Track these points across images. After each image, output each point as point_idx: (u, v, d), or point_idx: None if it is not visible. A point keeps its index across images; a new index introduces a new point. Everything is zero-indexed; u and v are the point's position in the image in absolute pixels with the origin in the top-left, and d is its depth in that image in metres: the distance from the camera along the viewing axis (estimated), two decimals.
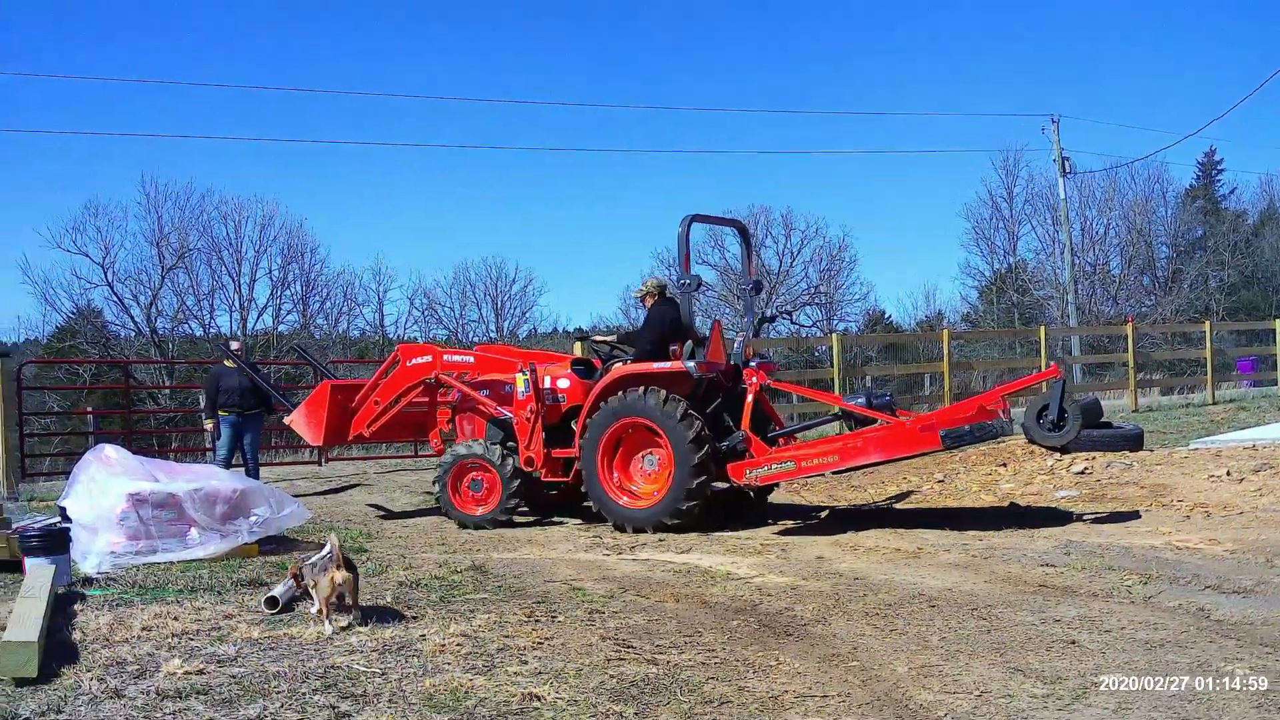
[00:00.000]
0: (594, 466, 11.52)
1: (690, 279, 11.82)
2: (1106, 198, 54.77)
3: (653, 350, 11.69)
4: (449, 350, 13.43)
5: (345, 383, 14.12)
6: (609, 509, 11.55)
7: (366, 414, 13.18)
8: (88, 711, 5.33)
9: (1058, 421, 11.00)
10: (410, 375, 13.02)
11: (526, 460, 12.05)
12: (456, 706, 5.40)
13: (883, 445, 11.05)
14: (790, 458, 11.26)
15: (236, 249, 48.98)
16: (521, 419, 12.11)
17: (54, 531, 8.92)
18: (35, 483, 16.46)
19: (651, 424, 11.30)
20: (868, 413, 11.62)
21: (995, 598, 7.78)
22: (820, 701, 5.50)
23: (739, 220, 12.81)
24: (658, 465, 11.49)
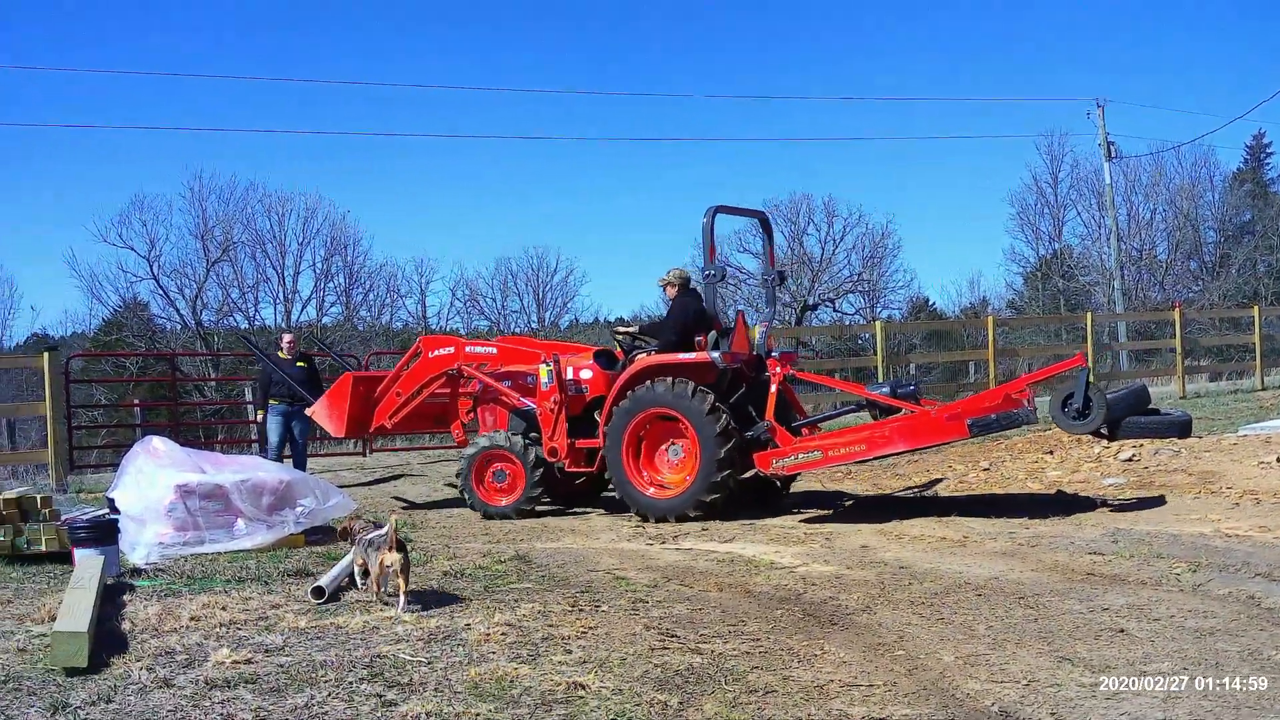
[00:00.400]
0: (619, 456, 11.56)
1: (715, 269, 11.86)
2: (1153, 182, 54.19)
3: (677, 341, 11.70)
4: (471, 342, 13.52)
5: (367, 374, 14.26)
6: (634, 499, 11.58)
7: (389, 405, 13.27)
8: (137, 701, 5.38)
9: (1082, 410, 11.02)
10: (433, 366, 13.10)
11: (550, 451, 12.10)
12: (502, 695, 5.41)
13: (910, 434, 11.05)
14: (817, 447, 11.26)
15: (280, 242, 49.34)
16: (545, 410, 12.14)
17: (103, 523, 9.01)
18: (83, 475, 16.63)
19: (677, 414, 11.32)
20: (892, 401, 11.61)
21: (1042, 586, 7.72)
22: (866, 691, 5.48)
23: (761, 211, 12.84)
24: (682, 455, 11.51)
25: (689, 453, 11.40)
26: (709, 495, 11.18)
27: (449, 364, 13.01)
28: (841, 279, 55.99)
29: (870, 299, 55.94)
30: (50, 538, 9.25)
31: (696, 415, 11.17)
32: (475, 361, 13.01)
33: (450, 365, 13.00)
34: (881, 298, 56.42)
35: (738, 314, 12.23)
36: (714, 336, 11.72)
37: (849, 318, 54.30)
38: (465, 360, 12.99)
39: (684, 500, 11.28)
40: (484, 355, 13.06)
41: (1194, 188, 55.10)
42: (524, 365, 12.75)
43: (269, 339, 36.79)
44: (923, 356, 32.20)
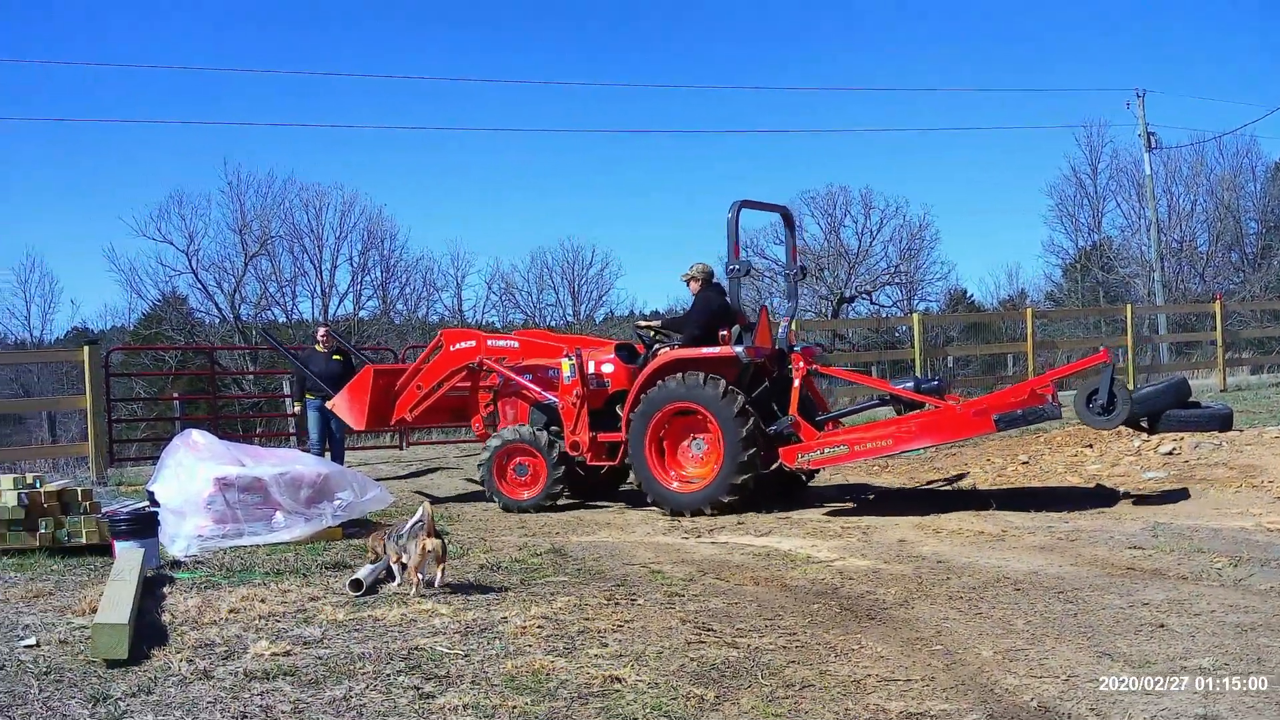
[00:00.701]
0: (642, 450, 11.57)
1: (740, 264, 11.85)
2: (1193, 173, 53.62)
3: (701, 335, 11.71)
4: (493, 335, 13.51)
5: (388, 367, 14.31)
6: (656, 492, 11.59)
7: (409, 398, 13.31)
8: (177, 692, 5.42)
9: (1107, 405, 11.06)
10: (454, 360, 13.12)
11: (572, 444, 12.13)
12: (538, 688, 5.42)
13: (935, 429, 11.10)
14: (843, 442, 11.26)
15: (318, 236, 49.54)
16: (567, 404, 12.18)
17: (142, 516, 9.09)
18: (123, 468, 16.78)
19: (701, 408, 11.33)
20: (917, 396, 11.64)
21: (1082, 581, 7.66)
22: (904, 685, 5.46)
23: (784, 206, 12.81)
24: (705, 449, 11.53)
25: (712, 448, 11.42)
26: (730, 494, 11.22)
27: (470, 357, 13.04)
28: (879, 271, 55.79)
29: (907, 291, 55.72)
30: (91, 530, 9.33)
31: (720, 409, 11.19)
32: (497, 355, 13.03)
33: (472, 359, 13.03)
34: (919, 290, 56.20)
35: (761, 309, 12.23)
36: (738, 331, 11.73)
37: (886, 310, 54.10)
38: (487, 354, 13.01)
39: (706, 495, 11.30)
40: (505, 349, 13.07)
41: (1235, 178, 54.51)
42: (545, 359, 12.78)
43: (306, 333, 36.97)
44: (960, 349, 32.11)
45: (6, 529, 9.16)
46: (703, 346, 11.59)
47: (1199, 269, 52.85)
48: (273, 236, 48.30)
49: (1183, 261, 52.74)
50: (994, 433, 11.24)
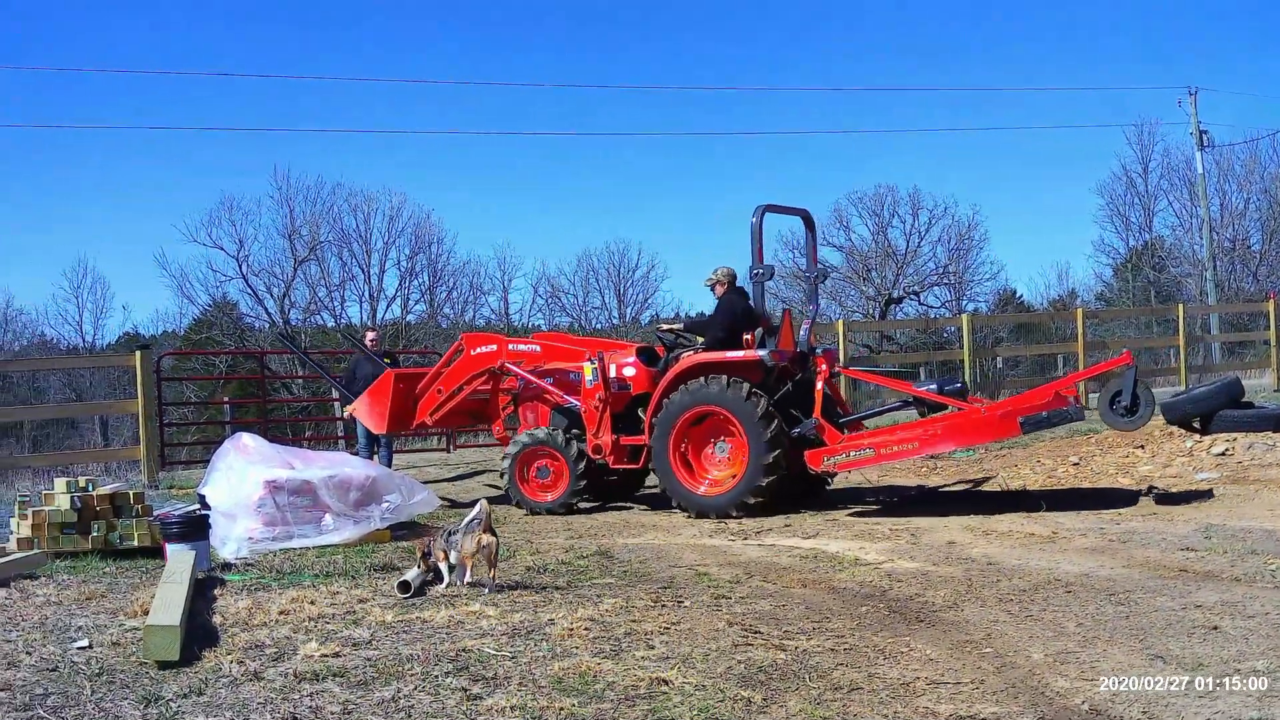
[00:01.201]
0: (665, 453, 11.61)
1: (764, 269, 11.88)
2: (1246, 171, 52.87)
3: (725, 338, 11.75)
4: (514, 340, 13.53)
5: (408, 371, 14.32)
6: (680, 495, 11.63)
7: (430, 402, 13.37)
8: (228, 693, 5.46)
9: (1130, 407, 11.08)
10: (475, 364, 13.17)
11: (595, 448, 12.17)
12: (585, 690, 5.42)
13: (962, 432, 11.20)
14: (870, 445, 11.32)
15: (366, 240, 49.80)
16: (590, 407, 12.22)
17: (194, 518, 9.18)
18: (174, 471, 16.93)
19: (726, 412, 11.38)
20: (940, 399, 11.70)
21: (1134, 583, 7.58)
22: (953, 689, 5.41)
23: (804, 209, 12.85)
24: (729, 452, 11.57)
25: (737, 451, 11.47)
26: (755, 495, 11.27)
27: (492, 361, 13.09)
28: (927, 271, 55.43)
29: (956, 291, 55.31)
30: (143, 533, 9.43)
31: (745, 413, 11.25)
32: (518, 359, 13.05)
33: (493, 363, 13.08)
34: (967, 290, 55.76)
35: (784, 312, 12.32)
36: (760, 334, 11.79)
37: (934, 311, 53.76)
38: (509, 358, 13.05)
39: (729, 498, 11.36)
40: (527, 353, 13.10)
41: None
42: (566, 363, 12.82)
43: (355, 337, 37.24)
44: (1009, 350, 31.84)
45: (60, 532, 9.27)
46: (727, 350, 11.63)
47: (1252, 268, 52.16)
48: (321, 241, 48.64)
49: (1235, 260, 52.09)
50: (1019, 435, 11.33)
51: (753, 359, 11.49)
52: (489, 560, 7.65)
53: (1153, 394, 11.32)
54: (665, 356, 12.33)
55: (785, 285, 52.27)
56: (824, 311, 54.54)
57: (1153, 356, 33.81)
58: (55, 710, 5.19)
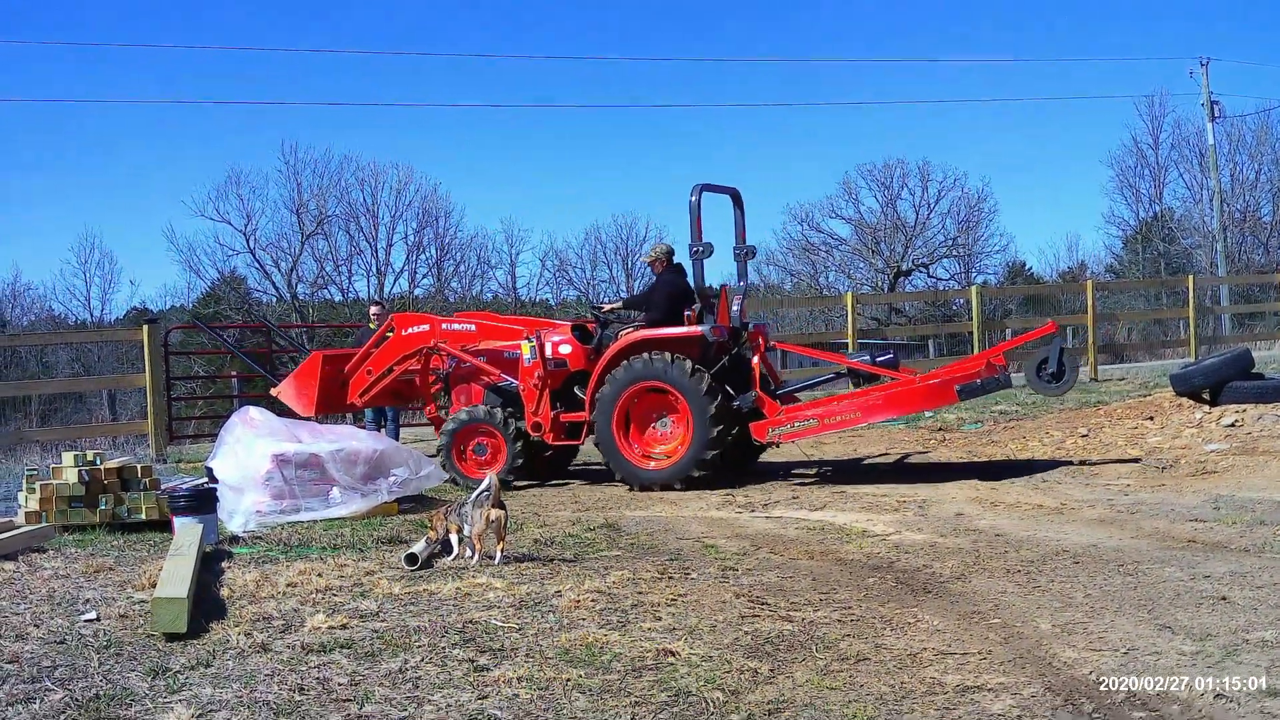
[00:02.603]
0: (609, 429, 11.72)
1: (703, 246, 11.97)
2: (1258, 141, 52.58)
3: (663, 316, 11.94)
4: (448, 319, 13.46)
5: (335, 352, 14.20)
6: (625, 469, 11.78)
7: (359, 382, 13.28)
8: (235, 665, 5.46)
9: (1056, 373, 11.57)
10: (406, 344, 13.10)
11: (534, 425, 12.22)
12: (592, 661, 5.42)
13: (902, 401, 11.63)
14: (813, 415, 11.64)
15: (373, 214, 49.73)
16: (529, 385, 12.24)
17: (201, 492, 9.17)
18: (182, 445, 16.97)
19: (669, 387, 11.54)
20: (875, 370, 12.13)
21: (1142, 554, 7.57)
22: (960, 659, 5.41)
23: (734, 188, 12.94)
24: (672, 426, 11.74)
25: (680, 425, 11.65)
26: (699, 469, 11.47)
27: (424, 341, 13.02)
28: (936, 244, 55.27)
29: (965, 264, 55.17)
30: (150, 506, 9.44)
31: (688, 387, 11.43)
32: (453, 339, 13.00)
33: (426, 343, 13.01)
34: (977, 262, 55.60)
35: (722, 288, 12.48)
36: (700, 310, 11.98)
37: (943, 283, 53.64)
38: (441, 337, 12.98)
39: (675, 471, 11.54)
40: (461, 332, 13.04)
41: None
42: (501, 341, 12.82)
43: (361, 311, 37.21)
44: (1019, 322, 31.68)
45: (68, 505, 9.28)
46: (667, 326, 11.79)
47: (1263, 239, 51.95)
48: (329, 215, 48.61)
49: (1246, 232, 51.87)
50: (957, 402, 11.91)
51: (694, 335, 11.69)
52: (498, 533, 7.66)
53: (1077, 362, 11.88)
54: (600, 334, 12.46)
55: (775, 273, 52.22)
56: (832, 284, 54.53)
57: (1163, 328, 33.70)
58: (63, 682, 5.20)
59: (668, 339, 11.73)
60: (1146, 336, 37.44)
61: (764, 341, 12.38)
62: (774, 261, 57.26)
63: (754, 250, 12.96)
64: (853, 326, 20.66)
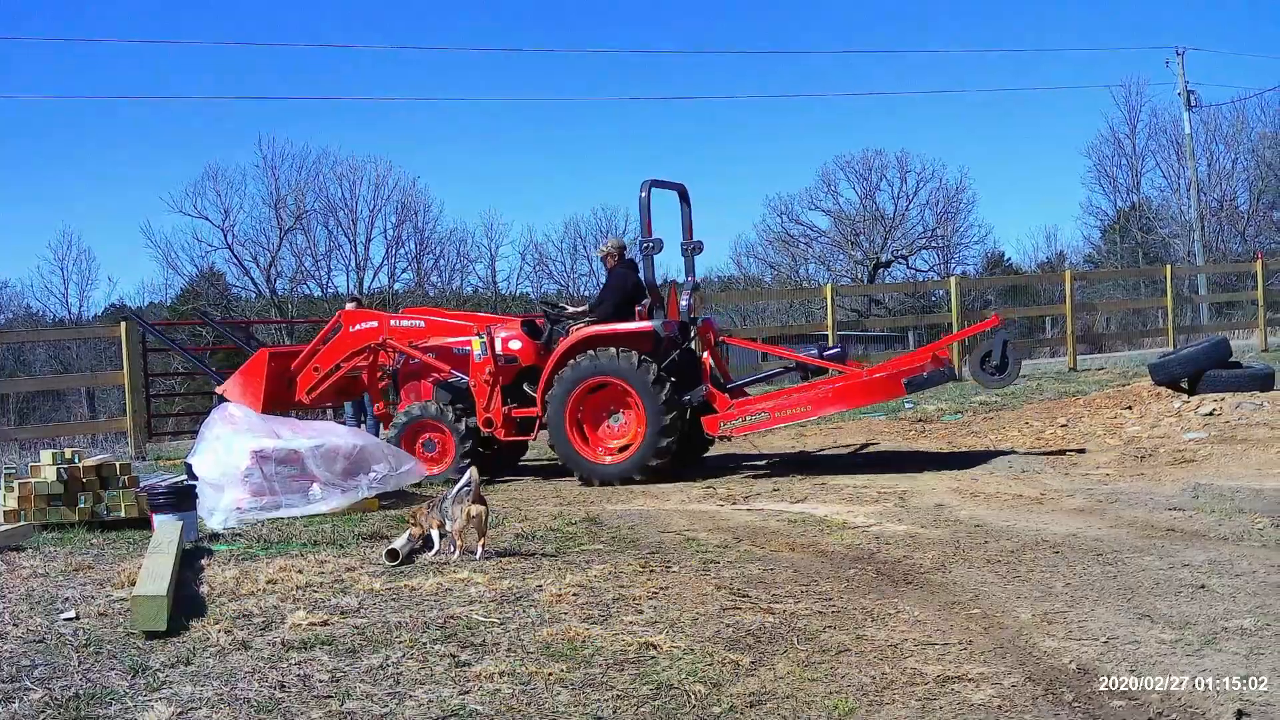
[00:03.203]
0: (561, 425, 11.73)
1: (653, 241, 12.03)
2: (1234, 131, 52.96)
3: (615, 312, 11.99)
4: (397, 315, 13.40)
5: (282, 349, 14.08)
6: (577, 464, 11.80)
7: (306, 380, 13.14)
8: (216, 663, 5.44)
9: (999, 366, 11.72)
10: (354, 341, 13.01)
11: (485, 421, 12.20)
12: (574, 655, 5.42)
13: (851, 394, 11.77)
14: (764, 409, 11.77)
15: (352, 209, 49.75)
16: (480, 381, 12.21)
17: (181, 489, 9.14)
18: (161, 442, 16.91)
19: (621, 382, 11.58)
20: (823, 364, 12.37)
21: (1121, 543, 7.60)
22: (941, 649, 5.42)
23: (681, 184, 13.01)
24: (624, 421, 11.81)
25: (633, 419, 11.69)
26: (655, 459, 11.52)
27: (373, 338, 12.95)
28: (915, 235, 55.51)
29: (944, 255, 55.45)
30: (130, 504, 9.39)
31: (640, 382, 11.46)
32: (400, 335, 12.94)
33: (374, 339, 12.94)
34: (956, 253, 55.92)
35: (671, 284, 12.58)
36: (649, 306, 12.02)
37: (923, 275, 53.83)
38: (390, 334, 12.92)
39: (631, 465, 11.58)
40: (410, 329, 13.00)
41: (1277, 136, 53.76)
42: (451, 337, 12.79)
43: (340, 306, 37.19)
44: (999, 312, 31.80)
45: (46, 503, 9.23)
46: (618, 322, 11.85)
47: (1239, 228, 52.28)
48: (307, 211, 48.61)
49: (1223, 221, 52.18)
50: (905, 395, 12.13)
51: (645, 330, 11.74)
52: (479, 529, 7.65)
53: (1020, 355, 12.00)
54: (550, 330, 12.48)
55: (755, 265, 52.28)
56: (812, 276, 54.64)
57: (1141, 318, 33.86)
58: (42, 681, 5.17)
59: (619, 334, 11.75)
60: (1125, 326, 37.65)
61: (714, 336, 12.56)
62: (754, 254, 57.43)
63: (701, 245, 13.01)
64: (832, 318, 20.70)
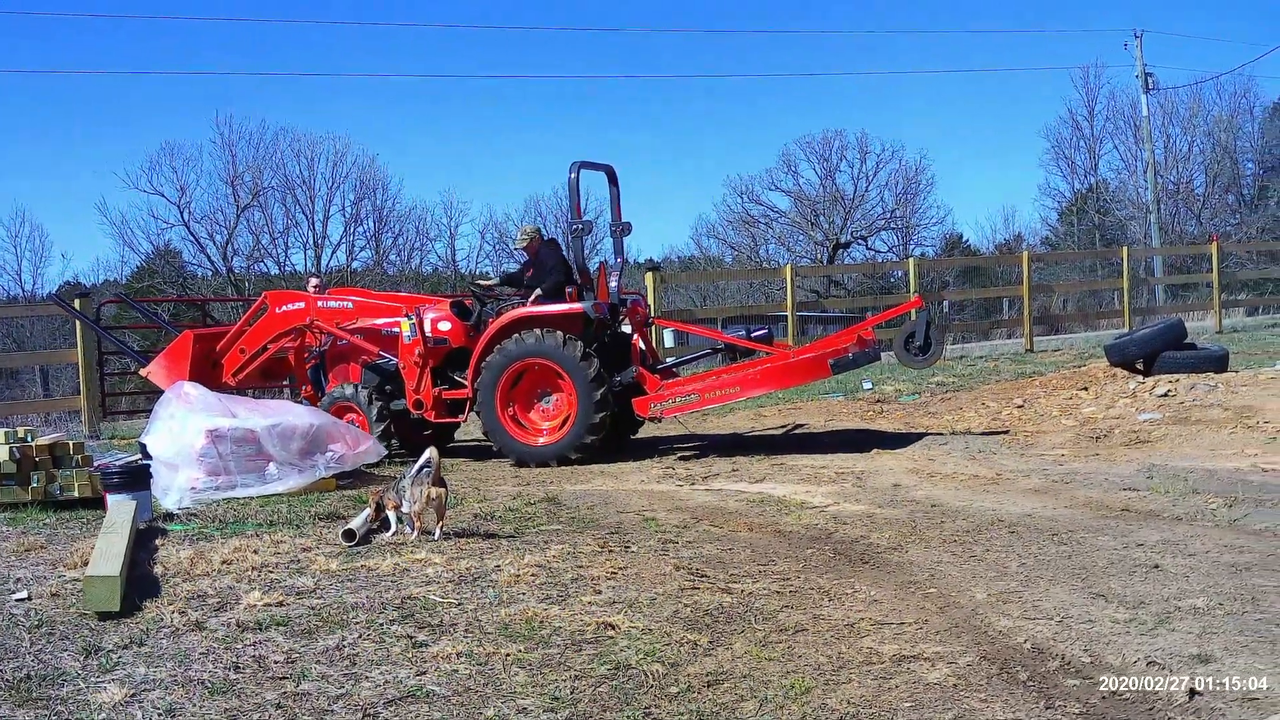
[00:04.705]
0: (493, 406, 11.71)
1: (583, 224, 12.13)
2: (1191, 114, 53.36)
3: (555, 288, 12.01)
4: (324, 296, 13.26)
5: (207, 331, 13.90)
6: (509, 446, 11.78)
7: (232, 362, 13.01)
8: (169, 644, 5.40)
9: (923, 347, 11.89)
10: (280, 322, 12.89)
11: (415, 403, 12.16)
12: (532, 635, 5.41)
13: (778, 375, 11.90)
14: (694, 390, 11.88)
15: (310, 187, 49.33)
16: (409, 363, 12.16)
17: (135, 468, 9.04)
18: (116, 421, 16.74)
19: (552, 364, 11.59)
20: (751, 345, 12.49)
21: (1076, 523, 7.66)
22: (897, 629, 5.45)
23: (610, 165, 13.00)
24: (555, 403, 11.82)
25: (564, 399, 11.70)
26: (589, 437, 11.54)
27: (300, 319, 12.82)
28: (874, 216, 55.69)
29: (903, 236, 55.67)
30: (83, 483, 9.28)
31: (571, 364, 11.47)
32: (327, 316, 12.82)
33: (301, 321, 12.82)
34: (915, 235, 56.13)
35: (600, 265, 12.60)
36: (579, 288, 12.03)
37: (881, 255, 54.06)
38: (317, 315, 12.79)
39: (563, 445, 11.60)
40: (338, 309, 12.86)
41: (1233, 119, 54.30)
42: (379, 318, 12.71)
43: (298, 284, 36.94)
44: (957, 294, 31.97)
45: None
46: (553, 301, 11.87)
47: (1195, 211, 52.75)
48: (265, 188, 48.16)
49: (1179, 203, 52.63)
50: (830, 376, 12.27)
51: (575, 312, 11.72)
52: (438, 511, 7.61)
53: (944, 336, 12.23)
54: (479, 311, 12.43)
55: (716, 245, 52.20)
56: (772, 257, 54.72)
57: (1097, 299, 34.10)
58: None
59: (549, 316, 11.72)
60: (1082, 307, 37.90)
61: (643, 316, 12.60)
62: (714, 234, 57.47)
63: (629, 227, 13.01)
64: (792, 299, 20.72)
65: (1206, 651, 4.94)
